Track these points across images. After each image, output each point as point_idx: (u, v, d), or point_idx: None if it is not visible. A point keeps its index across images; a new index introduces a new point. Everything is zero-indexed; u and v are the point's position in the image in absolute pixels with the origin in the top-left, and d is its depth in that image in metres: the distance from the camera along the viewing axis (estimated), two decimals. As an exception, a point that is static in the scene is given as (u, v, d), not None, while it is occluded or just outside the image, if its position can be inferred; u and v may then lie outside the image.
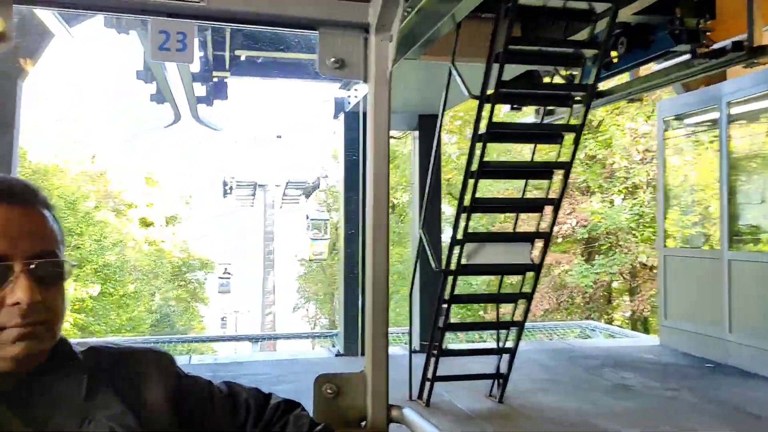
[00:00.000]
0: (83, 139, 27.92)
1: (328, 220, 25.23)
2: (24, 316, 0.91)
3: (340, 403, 1.41)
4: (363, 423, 1.42)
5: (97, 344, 1.10)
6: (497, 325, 5.58)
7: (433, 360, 5.42)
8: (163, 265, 31.28)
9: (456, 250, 5.28)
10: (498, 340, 5.80)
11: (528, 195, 5.75)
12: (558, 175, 5.04)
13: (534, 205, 5.41)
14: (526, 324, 5.46)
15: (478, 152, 4.84)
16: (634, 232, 15.99)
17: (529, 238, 5.19)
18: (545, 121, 6.85)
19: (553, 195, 5.28)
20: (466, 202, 4.90)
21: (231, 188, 24.46)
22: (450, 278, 5.38)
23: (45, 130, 26.78)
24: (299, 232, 37.40)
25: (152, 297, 27.60)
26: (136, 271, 27.00)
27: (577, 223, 15.95)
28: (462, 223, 4.99)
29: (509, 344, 5.54)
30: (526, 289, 5.64)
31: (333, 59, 1.43)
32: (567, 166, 4.71)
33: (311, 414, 1.30)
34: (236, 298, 33.66)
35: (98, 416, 0.97)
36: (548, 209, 5.36)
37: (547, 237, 4.99)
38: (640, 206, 16.20)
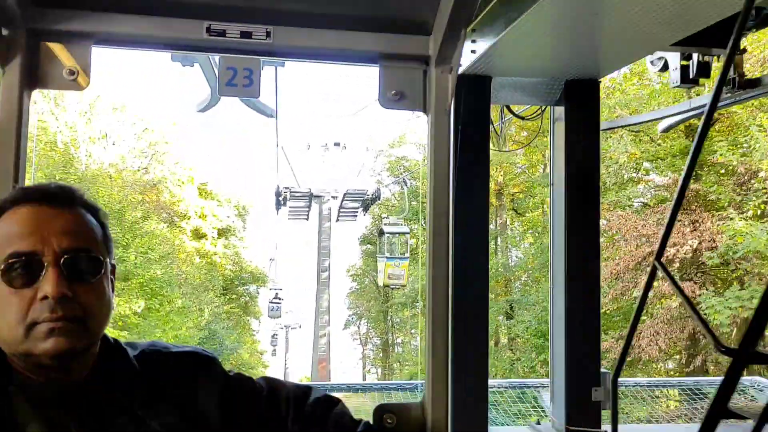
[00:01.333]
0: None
1: (408, 233, 20.37)
2: (53, 311, 0.91)
3: None
4: None
5: (148, 348, 1.11)
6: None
7: None
8: (214, 278, 29.43)
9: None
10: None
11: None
12: None
13: None
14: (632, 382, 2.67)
15: None
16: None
17: None
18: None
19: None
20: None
21: (285, 199, 22.08)
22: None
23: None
24: (350, 244, 35.13)
25: (201, 312, 25.48)
26: (186, 285, 24.97)
27: (701, 244, 12.74)
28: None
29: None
30: None
31: (393, 92, 1.44)
32: None
33: None
34: (287, 311, 31.77)
35: (152, 424, 0.99)
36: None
37: None
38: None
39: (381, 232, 20.56)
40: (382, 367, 37.17)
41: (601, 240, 16.06)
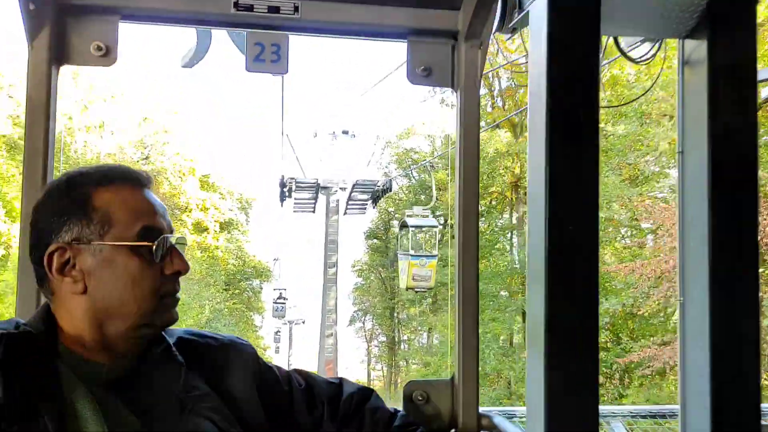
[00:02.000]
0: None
1: (437, 227, 16.30)
2: (177, 284, 1.06)
3: (430, 410, 1.38)
4: (452, 430, 1.39)
5: (184, 334, 1.14)
6: None
7: None
8: (216, 273, 28.20)
9: None
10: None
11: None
12: None
13: None
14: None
15: None
16: None
17: None
18: None
19: None
20: None
21: (290, 191, 20.47)
22: None
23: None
24: (354, 238, 33.59)
25: (202, 309, 24.17)
26: (186, 280, 23.46)
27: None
28: None
29: None
30: None
31: (422, 68, 1.43)
32: None
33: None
34: (291, 306, 30.83)
35: (196, 406, 1.02)
36: None
37: None
38: None
39: (403, 225, 16.51)
40: (388, 365, 36.01)
41: (642, 234, 14.47)
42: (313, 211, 22.62)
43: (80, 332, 0.97)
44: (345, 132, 20.34)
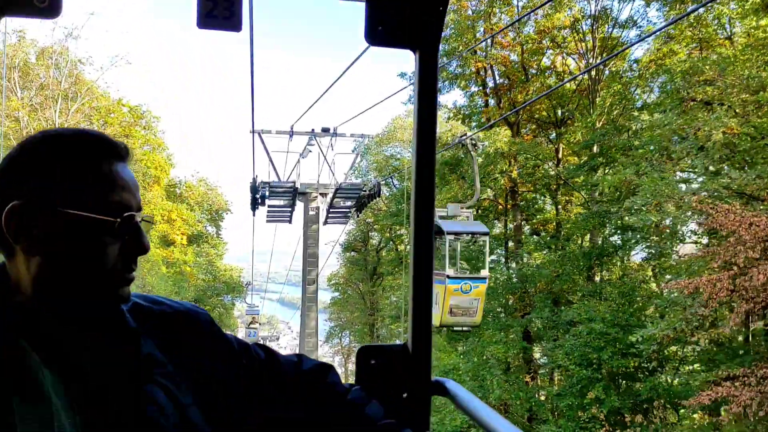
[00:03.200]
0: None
1: (488, 234, 10.80)
2: (135, 264, 0.96)
3: (383, 375, 1.37)
4: (405, 395, 1.38)
5: (139, 300, 1.06)
6: None
7: None
8: (184, 289, 25.24)
9: None
10: None
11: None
12: None
13: None
14: None
15: None
16: None
17: None
18: None
19: None
20: None
21: (263, 197, 17.43)
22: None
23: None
24: (329, 249, 30.73)
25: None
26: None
27: None
28: None
29: None
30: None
31: (380, 27, 1.35)
32: None
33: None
34: (264, 322, 27.91)
35: (149, 374, 0.97)
36: None
37: None
38: None
39: (440, 232, 10.17)
40: None
41: (707, 241, 12.16)
42: (290, 221, 19.51)
43: (32, 293, 0.90)
44: (325, 130, 17.33)
